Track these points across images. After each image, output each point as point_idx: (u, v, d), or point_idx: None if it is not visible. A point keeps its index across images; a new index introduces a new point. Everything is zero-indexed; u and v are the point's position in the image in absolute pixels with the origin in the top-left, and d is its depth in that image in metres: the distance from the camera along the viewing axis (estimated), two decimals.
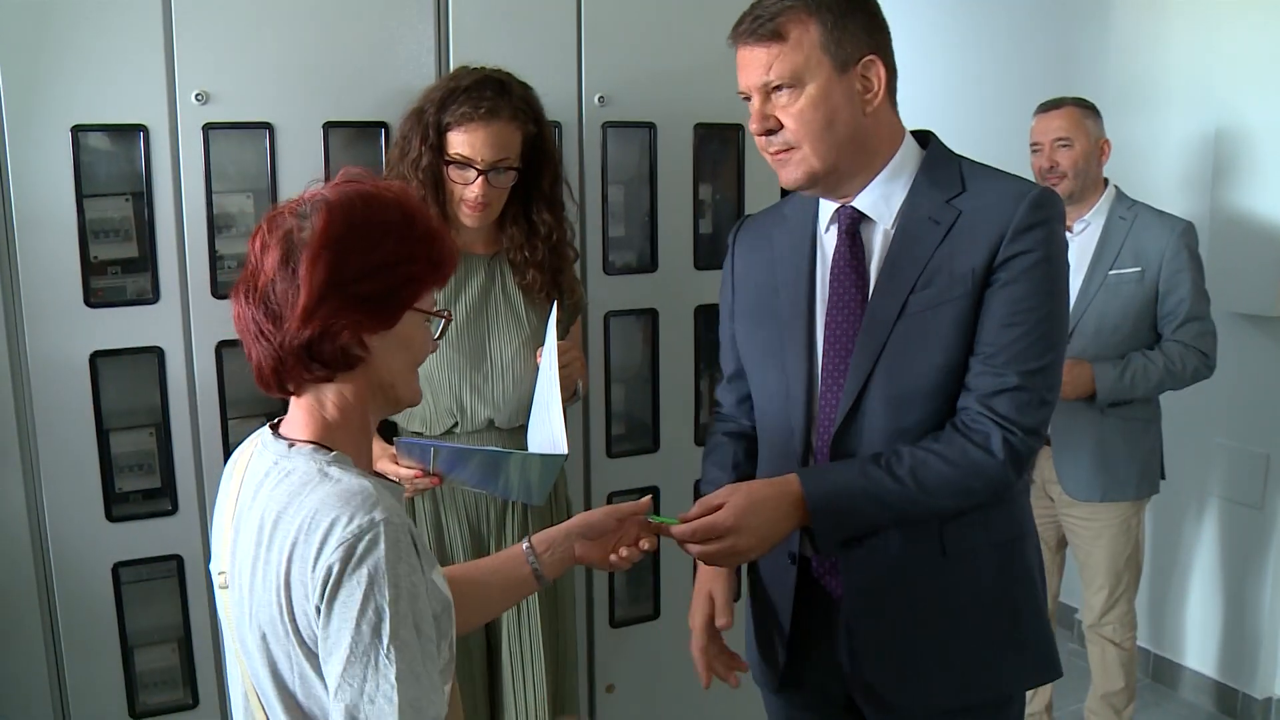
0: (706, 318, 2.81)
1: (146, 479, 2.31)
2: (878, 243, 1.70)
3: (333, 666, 1.23)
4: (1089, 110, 3.08)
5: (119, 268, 2.24)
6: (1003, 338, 1.60)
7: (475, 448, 2.14)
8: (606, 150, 2.61)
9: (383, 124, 2.36)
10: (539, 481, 2.05)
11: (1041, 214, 1.60)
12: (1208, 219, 3.42)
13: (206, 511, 2.31)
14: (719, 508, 1.61)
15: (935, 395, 1.65)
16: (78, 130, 2.14)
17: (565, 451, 1.94)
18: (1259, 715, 3.59)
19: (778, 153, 1.66)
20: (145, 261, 2.24)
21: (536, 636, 2.28)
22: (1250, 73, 3.33)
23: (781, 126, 1.64)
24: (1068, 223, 2.92)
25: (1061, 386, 2.13)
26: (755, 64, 1.63)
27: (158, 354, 2.25)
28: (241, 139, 2.29)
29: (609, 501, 2.73)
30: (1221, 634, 3.70)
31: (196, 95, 2.21)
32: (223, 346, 2.28)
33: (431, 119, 2.13)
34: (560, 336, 2.34)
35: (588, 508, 2.70)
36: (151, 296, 2.24)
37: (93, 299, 2.20)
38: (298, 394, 1.37)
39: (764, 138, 1.66)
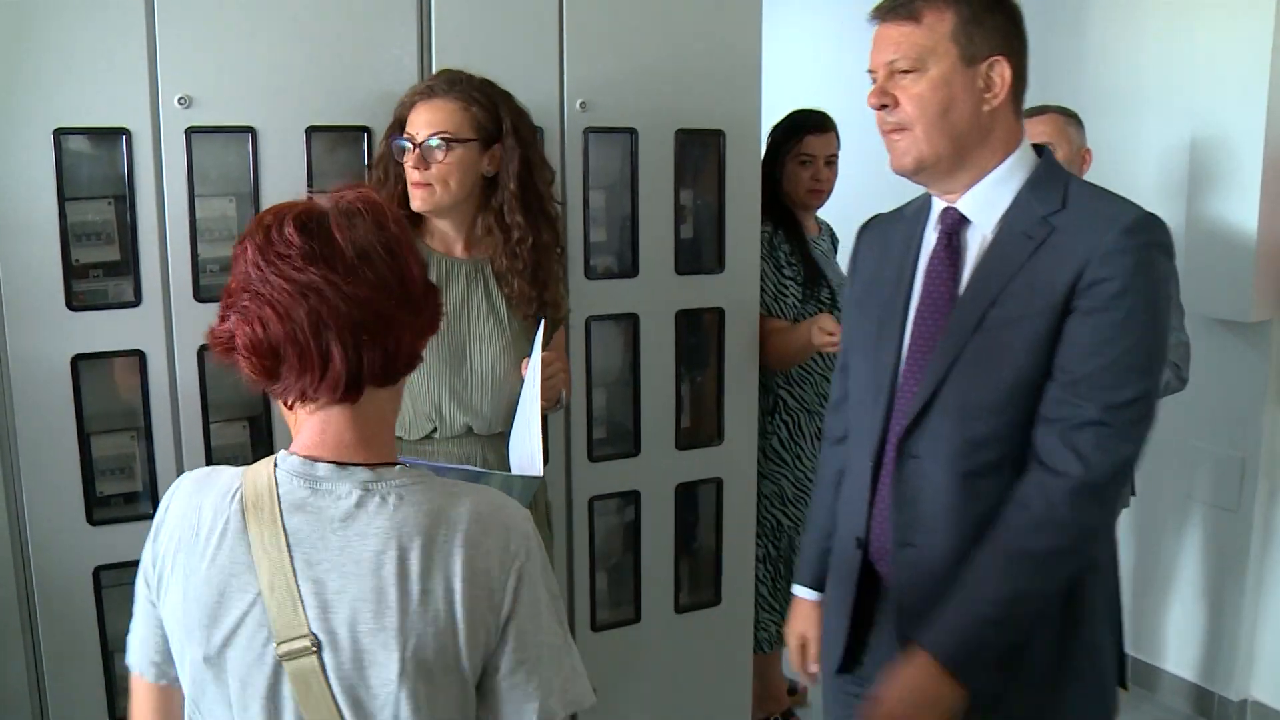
0: (687, 322, 2.83)
1: (127, 482, 2.31)
2: (974, 247, 1.71)
3: (525, 665, 1.23)
4: (1071, 118, 3.10)
5: (101, 271, 2.25)
6: (1085, 367, 1.58)
7: (449, 465, 2.14)
8: (588, 155, 2.62)
9: (365, 128, 2.37)
10: (516, 499, 2.06)
11: (1134, 240, 1.57)
12: (1184, 226, 3.45)
13: None
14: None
15: (1003, 410, 1.63)
16: (60, 133, 2.15)
17: (540, 474, 1.98)
18: (1234, 717, 3.62)
19: (890, 131, 1.69)
20: (127, 265, 2.24)
21: None
22: (1224, 81, 3.37)
23: (898, 105, 1.66)
24: None
25: None
26: (886, 41, 1.67)
27: (139, 357, 2.25)
28: (224, 143, 2.30)
29: (590, 506, 2.74)
30: (1198, 637, 3.73)
31: (179, 99, 2.21)
32: (205, 350, 2.28)
33: (395, 115, 2.20)
34: (544, 346, 2.34)
35: (569, 512, 2.72)
36: (133, 300, 2.24)
37: (74, 302, 2.20)
38: (356, 399, 1.23)
39: (880, 112, 1.69)
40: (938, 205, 1.77)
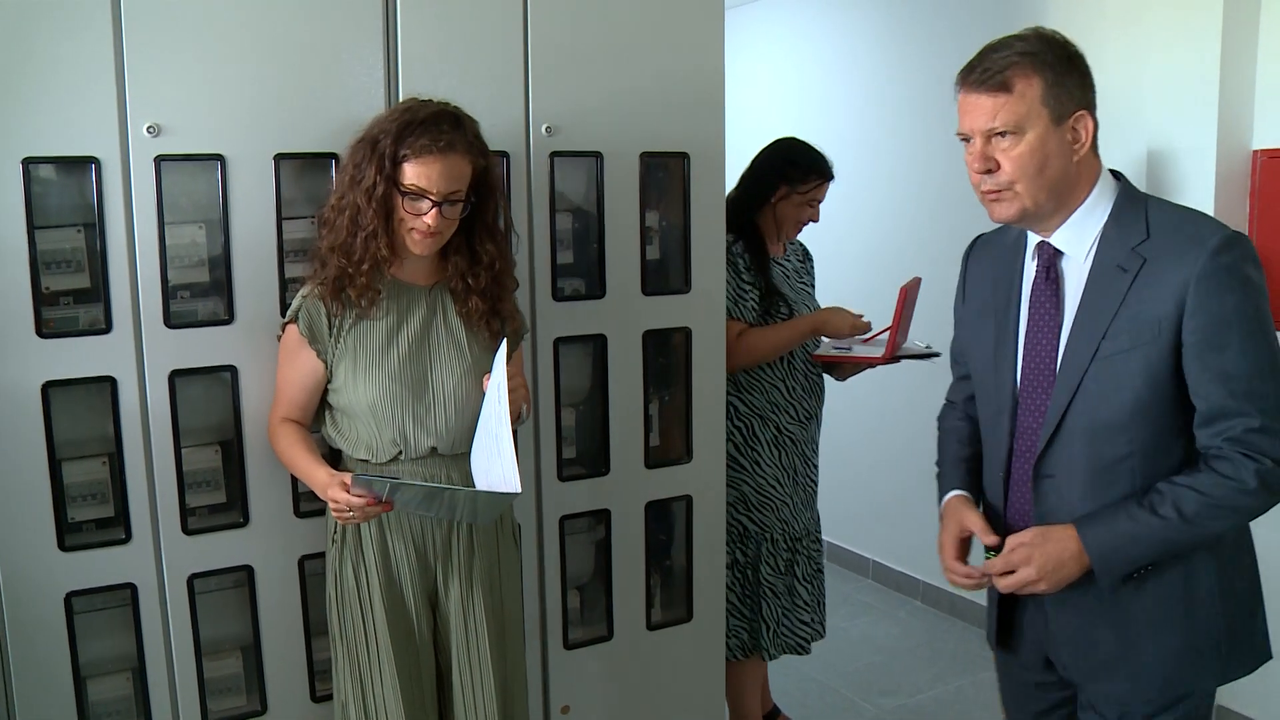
0: (654, 342, 2.85)
1: (99, 508, 2.31)
2: (1071, 276, 1.89)
3: None
4: None
5: (71, 298, 2.26)
6: (1229, 388, 1.74)
7: (431, 485, 2.16)
8: (554, 179, 2.66)
9: (333, 155, 2.39)
10: (484, 511, 2.10)
11: (1223, 259, 1.73)
12: None
13: (160, 539, 2.33)
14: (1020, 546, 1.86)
15: (1127, 429, 1.81)
16: (29, 162, 2.16)
17: (518, 490, 2.02)
18: None
19: (990, 191, 1.85)
20: (97, 292, 2.25)
21: (486, 662, 2.30)
22: (1178, 100, 3.46)
23: (999, 168, 1.81)
24: None
25: None
26: (981, 110, 1.81)
27: (110, 383, 2.27)
28: (193, 170, 2.31)
29: (560, 525, 2.77)
30: None
31: (148, 128, 2.23)
32: (176, 375, 2.30)
33: (387, 150, 2.14)
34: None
35: (540, 532, 2.74)
36: (104, 326, 2.25)
37: (44, 329, 2.21)
38: None
39: (981, 176, 1.84)
40: (1033, 238, 1.94)
